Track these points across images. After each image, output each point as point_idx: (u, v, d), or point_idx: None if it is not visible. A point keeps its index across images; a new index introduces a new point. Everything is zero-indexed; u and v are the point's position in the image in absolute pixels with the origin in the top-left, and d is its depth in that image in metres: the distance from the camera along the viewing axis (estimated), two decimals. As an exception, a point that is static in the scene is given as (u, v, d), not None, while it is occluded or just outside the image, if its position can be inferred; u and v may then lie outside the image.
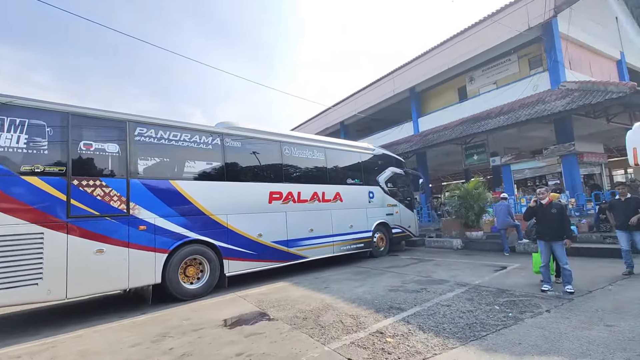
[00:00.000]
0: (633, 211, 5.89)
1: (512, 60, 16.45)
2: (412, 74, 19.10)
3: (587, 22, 15.52)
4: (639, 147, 5.28)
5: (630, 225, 5.90)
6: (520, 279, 6.26)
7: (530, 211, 5.75)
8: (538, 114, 12.19)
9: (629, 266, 5.95)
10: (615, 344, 3.29)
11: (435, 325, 4.12)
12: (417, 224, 12.27)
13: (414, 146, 17.45)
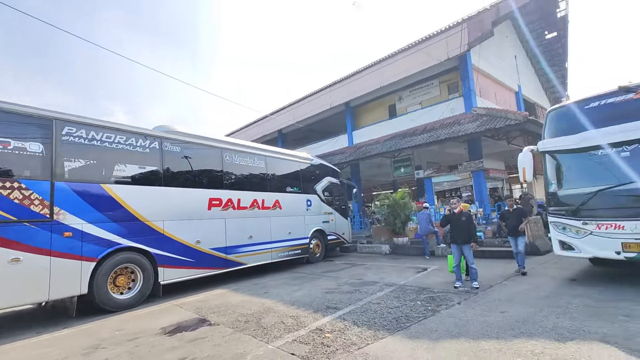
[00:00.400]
0: (519, 220, 7.05)
1: (434, 84, 18.45)
2: (347, 89, 20.21)
3: (493, 57, 18.18)
4: (527, 167, 6.52)
5: (518, 232, 7.06)
6: (438, 278, 7.15)
7: (445, 219, 6.66)
8: (454, 134, 13.90)
9: (520, 265, 7.14)
10: (506, 325, 4.09)
11: (368, 320, 4.60)
12: (350, 231, 13.02)
13: (348, 157, 18.45)
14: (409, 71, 17.00)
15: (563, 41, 22.68)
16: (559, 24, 21.70)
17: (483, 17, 15.33)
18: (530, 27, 21.55)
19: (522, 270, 6.95)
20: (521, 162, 6.50)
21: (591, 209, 5.67)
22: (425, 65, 16.31)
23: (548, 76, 24.82)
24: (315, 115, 22.09)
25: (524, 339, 3.62)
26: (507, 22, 20.28)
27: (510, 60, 20.56)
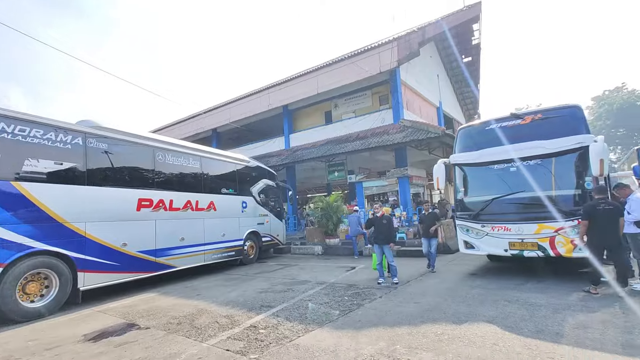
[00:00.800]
0: (432, 223, 7.97)
1: (367, 95, 19.67)
2: (286, 93, 20.48)
3: (419, 74, 20.01)
4: (440, 177, 7.52)
5: (430, 233, 7.91)
6: (364, 275, 7.81)
7: (369, 222, 7.38)
8: (383, 143, 15.05)
9: (430, 265, 7.88)
10: (418, 313, 4.76)
11: (300, 315, 4.94)
12: (285, 232, 13.30)
13: (285, 160, 18.74)
14: (344, 81, 17.90)
15: (476, 65, 25.80)
16: (474, 51, 24.63)
17: (411, 37, 16.84)
18: (449, 51, 24.11)
19: (430, 270, 7.84)
20: (436, 172, 7.47)
21: (488, 213, 6.77)
22: (359, 77, 17.33)
23: (464, 95, 28.01)
24: (253, 116, 21.95)
25: (430, 324, 4.29)
26: (432, 44, 22.44)
27: (433, 78, 22.79)
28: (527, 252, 6.27)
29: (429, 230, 7.88)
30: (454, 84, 27.00)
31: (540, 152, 6.27)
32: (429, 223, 7.94)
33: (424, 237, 8.06)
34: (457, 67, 25.61)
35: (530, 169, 6.42)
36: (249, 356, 3.60)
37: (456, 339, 3.74)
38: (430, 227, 7.89)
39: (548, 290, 5.50)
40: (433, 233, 7.90)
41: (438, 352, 3.43)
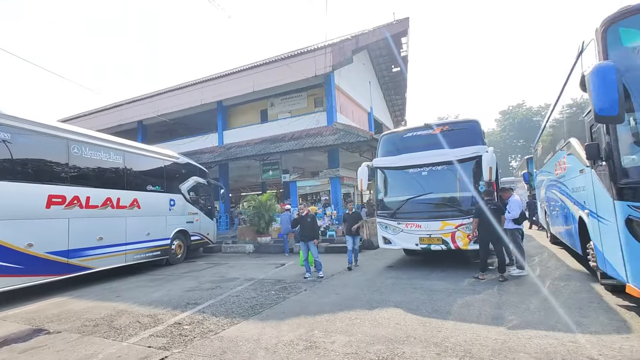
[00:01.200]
0: (355, 222, 8.33)
1: (303, 96, 20.10)
2: (220, 88, 19.96)
3: (352, 80, 21.04)
4: (363, 179, 8.19)
5: (353, 232, 8.27)
6: (293, 271, 8.16)
7: (295, 221, 7.73)
8: (317, 144, 15.59)
9: (350, 262, 8.06)
10: (338, 303, 5.23)
11: (226, 310, 5.09)
12: (215, 231, 13.07)
13: (217, 157, 18.31)
14: (281, 81, 18.08)
15: (404, 75, 27.88)
16: (402, 62, 26.58)
17: (345, 45, 17.67)
18: (380, 60, 25.71)
19: (353, 265, 8.09)
20: (360, 174, 8.13)
21: (403, 212, 7.59)
22: (295, 78, 17.66)
23: (392, 102, 30.08)
24: (184, 110, 20.99)
25: (347, 311, 4.77)
26: (365, 53, 23.71)
27: (365, 85, 24.10)
28: (434, 245, 7.19)
29: (352, 229, 8.19)
30: (384, 91, 28.83)
31: (445, 159, 7.24)
32: (352, 222, 8.32)
33: (347, 235, 8.34)
34: (387, 76, 27.42)
35: (438, 173, 7.38)
36: (172, 350, 3.68)
37: (366, 322, 4.25)
38: (352, 226, 8.25)
39: (447, 278, 6.42)
40: (355, 231, 8.25)
41: (350, 334, 3.88)
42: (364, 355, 3.29)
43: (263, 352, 3.50)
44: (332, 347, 3.55)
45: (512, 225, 6.44)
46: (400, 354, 3.28)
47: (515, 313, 4.28)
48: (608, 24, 3.69)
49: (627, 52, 3.61)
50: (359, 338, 3.74)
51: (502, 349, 3.27)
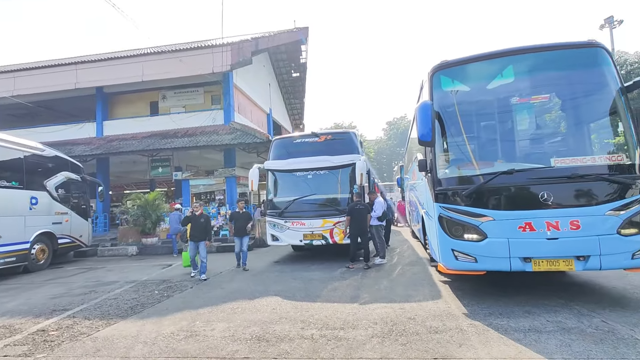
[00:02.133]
0: (246, 222, 8.07)
1: (199, 92, 19.43)
2: (101, 73, 17.79)
3: (252, 81, 21.22)
4: (254, 180, 8.62)
5: (243, 232, 7.84)
6: (180, 271, 8.06)
7: (187, 219, 7.46)
8: (212, 143, 15.38)
9: (239, 264, 8.00)
10: (222, 296, 5.55)
11: (101, 313, 4.92)
12: (91, 233, 11.76)
13: (95, 150, 16.40)
14: (175, 73, 17.15)
15: (303, 81, 29.21)
16: (301, 68, 27.79)
17: (244, 46, 17.76)
18: (281, 64, 26.47)
19: (242, 268, 7.89)
20: (250, 175, 8.55)
21: (290, 211, 8.29)
22: (191, 73, 16.98)
23: (292, 105, 31.21)
24: (52, 92, 18.03)
25: (230, 302, 5.15)
26: (266, 55, 24.11)
27: (265, 87, 24.51)
28: (316, 241, 8.09)
29: (245, 229, 7.95)
30: (284, 95, 29.71)
31: (327, 165, 8.21)
32: (242, 222, 8.02)
33: (236, 236, 8.05)
34: (287, 80, 28.36)
35: (321, 177, 8.32)
36: (36, 356, 3.51)
37: (247, 310, 4.73)
38: (242, 226, 7.96)
39: (324, 269, 7.35)
40: (245, 232, 7.99)
41: (230, 321, 4.30)
42: (240, 336, 3.76)
43: (141, 346, 3.65)
44: (211, 333, 3.91)
45: (377, 222, 7.75)
46: (271, 332, 3.85)
47: (369, 292, 5.32)
48: (433, 71, 4.97)
49: (444, 94, 4.92)
50: (237, 323, 4.19)
51: (351, 319, 4.13)
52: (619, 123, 4.32)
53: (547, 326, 3.60)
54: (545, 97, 4.63)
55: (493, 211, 4.27)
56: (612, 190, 4.03)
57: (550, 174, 4.16)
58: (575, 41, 4.63)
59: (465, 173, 4.60)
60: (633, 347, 3.03)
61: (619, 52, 24.54)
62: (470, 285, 5.27)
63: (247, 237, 8.13)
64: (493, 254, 4.23)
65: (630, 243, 3.93)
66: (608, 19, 33.50)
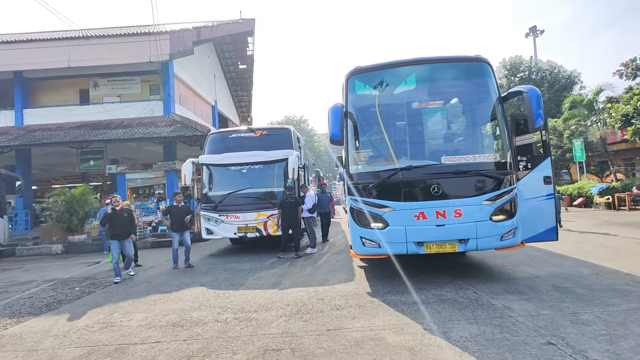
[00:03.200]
0: (184, 215, 7.45)
1: (136, 81, 18.45)
2: (19, 55, 16.21)
3: (195, 72, 20.57)
4: (187, 173, 8.59)
5: (181, 227, 7.36)
6: (107, 267, 7.84)
7: (107, 217, 6.53)
8: (149, 135, 14.82)
9: (175, 262, 7.40)
10: (148, 289, 5.61)
11: (12, 312, 4.77)
12: (6, 231, 10.85)
13: (14, 141, 14.99)
14: (107, 60, 16.17)
15: (250, 74, 28.82)
16: (248, 60, 27.38)
17: (185, 35, 17.21)
18: (227, 55, 25.90)
19: (184, 266, 7.33)
20: (183, 169, 8.53)
21: (224, 205, 8.44)
22: (126, 61, 16.13)
23: (239, 98, 30.68)
24: (-42, 75, 16.05)
25: (154, 294, 5.25)
26: (210, 45, 23.45)
27: (210, 78, 23.85)
28: (250, 233, 8.34)
29: (184, 223, 7.44)
30: (230, 87, 29.09)
31: (261, 160, 8.47)
32: (180, 216, 7.47)
33: (174, 231, 7.45)
34: (233, 72, 27.81)
35: (255, 171, 8.56)
36: None
37: (169, 301, 4.88)
38: (180, 220, 7.45)
39: (256, 260, 7.65)
40: (187, 225, 7.56)
41: (149, 311, 4.44)
42: (156, 324, 3.94)
43: (51, 339, 3.69)
44: (128, 323, 4.04)
45: (307, 215, 8.19)
46: (188, 318, 4.08)
47: (291, 279, 5.72)
48: (348, 75, 5.45)
49: (357, 96, 5.42)
50: (156, 313, 4.35)
51: (266, 303, 4.49)
52: (497, 128, 5.14)
53: (429, 299, 4.25)
54: (439, 103, 5.32)
55: (394, 202, 4.86)
56: (487, 184, 4.81)
57: (440, 170, 4.84)
58: (465, 55, 5.37)
59: (372, 169, 5.15)
60: (486, 310, 3.75)
61: (532, 60, 27.65)
62: (381, 269, 5.90)
63: (187, 231, 7.56)
64: (393, 240, 4.83)
65: (500, 227, 4.75)
66: (532, 28, 37.61)
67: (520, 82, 24.88)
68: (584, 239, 8.07)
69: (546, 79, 24.18)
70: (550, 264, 5.68)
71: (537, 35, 37.14)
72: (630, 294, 4.02)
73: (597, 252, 6.44)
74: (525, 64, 25.31)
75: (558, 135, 18.35)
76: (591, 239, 8.00)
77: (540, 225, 5.31)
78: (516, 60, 25.47)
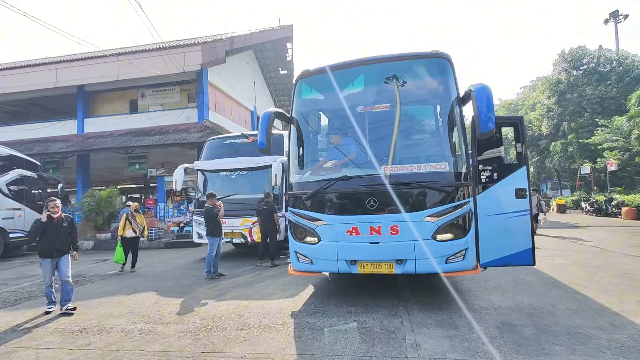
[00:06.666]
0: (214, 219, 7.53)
1: (176, 90, 19.85)
2: (81, 72, 18.41)
3: (232, 79, 21.47)
4: (178, 179, 8.96)
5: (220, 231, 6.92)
6: (107, 266, 8.45)
7: (36, 229, 4.85)
8: (180, 140, 15.85)
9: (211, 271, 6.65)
10: (107, 291, 5.91)
11: (-13, 304, 5.34)
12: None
13: (72, 147, 17.11)
14: (148, 73, 17.60)
15: (290, 79, 29.35)
16: (289, 66, 27.93)
17: (217, 45, 18.08)
18: (268, 62, 26.72)
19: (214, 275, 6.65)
20: (175, 175, 8.90)
21: (213, 210, 8.59)
22: (164, 72, 17.38)
23: (281, 103, 31.44)
24: (34, 90, 18.73)
25: (106, 297, 5.50)
26: (250, 53, 24.40)
27: (249, 85, 24.77)
28: (235, 239, 8.41)
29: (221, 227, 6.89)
30: (272, 92, 29.95)
31: (248, 165, 8.49)
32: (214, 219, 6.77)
33: (211, 235, 6.75)
34: (275, 77, 28.62)
35: (244, 177, 8.62)
36: None
37: (109, 304, 5.06)
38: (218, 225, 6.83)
39: (236, 266, 7.66)
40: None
41: (79, 314, 4.61)
42: (69, 329, 4.08)
43: (-20, 334, 4.02)
44: (45, 327, 4.24)
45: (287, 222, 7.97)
46: (101, 325, 4.17)
47: (239, 291, 5.58)
48: (296, 80, 5.17)
49: (303, 101, 5.11)
50: (82, 317, 4.51)
51: (187, 314, 4.43)
52: (453, 133, 4.46)
53: (348, 325, 3.81)
54: (387, 106, 4.77)
55: (327, 215, 4.47)
56: (432, 197, 4.19)
57: (380, 181, 4.32)
58: (421, 52, 4.77)
59: (311, 179, 4.79)
60: (389, 346, 3.22)
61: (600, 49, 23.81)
62: (344, 285, 5.48)
63: (217, 237, 6.77)
64: (324, 256, 4.44)
65: (445, 248, 4.10)
66: (613, 13, 32.73)
67: (583, 75, 21.71)
68: (609, 262, 6.66)
69: (615, 70, 20.73)
70: (529, 294, 4.77)
71: (619, 21, 32.25)
72: (587, 342, 3.17)
73: (606, 281, 5.25)
74: (590, 55, 21.97)
75: (625, 135, 15.61)
76: (615, 263, 6.56)
77: (509, 246, 4.51)
78: (579, 52, 22.23)
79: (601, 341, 3.17)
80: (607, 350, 2.99)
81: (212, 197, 6.91)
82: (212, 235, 6.69)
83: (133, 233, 7.71)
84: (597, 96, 20.53)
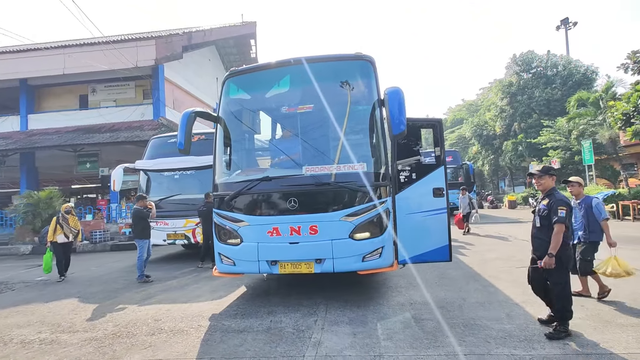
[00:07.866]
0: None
1: (130, 86, 19.02)
2: (22, 64, 17.21)
3: (193, 76, 20.85)
4: (117, 179, 8.62)
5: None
6: (37, 273, 7.94)
7: None
8: (132, 138, 15.20)
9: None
10: (26, 298, 5.57)
11: None
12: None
13: (12, 145, 15.99)
14: (98, 67, 16.75)
15: (254, 76, 28.95)
16: (252, 63, 27.48)
17: (174, 39, 17.44)
18: (231, 58, 26.16)
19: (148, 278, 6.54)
20: (113, 175, 8.55)
21: (157, 210, 8.31)
22: (115, 66, 16.57)
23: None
24: (-30, 84, 17.34)
25: (21, 305, 5.18)
26: (212, 49, 23.82)
27: (211, 81, 24.11)
28: (179, 240, 8.19)
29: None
30: (235, 89, 29.37)
31: (191, 165, 8.26)
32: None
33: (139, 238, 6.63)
34: (238, 74, 28.02)
35: (187, 177, 8.40)
36: None
37: (21, 313, 4.78)
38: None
39: (176, 268, 7.50)
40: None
41: (-12, 325, 4.34)
42: (-34, 341, 3.81)
43: None
44: (-53, 337, 3.95)
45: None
46: (3, 335, 3.92)
47: (167, 294, 5.42)
48: (225, 78, 5.10)
49: (230, 101, 5.05)
50: (-8, 327, 4.24)
51: (101, 321, 4.26)
52: (373, 134, 4.56)
53: (261, 326, 3.81)
54: (310, 107, 4.80)
55: (248, 216, 4.44)
56: (349, 197, 4.26)
57: (300, 182, 4.35)
58: (345, 54, 4.84)
59: (234, 180, 4.76)
60: (292, 345, 3.25)
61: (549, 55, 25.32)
62: (269, 286, 5.49)
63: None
64: (246, 257, 4.41)
65: (361, 246, 4.18)
66: (563, 21, 34.80)
67: (533, 79, 23.00)
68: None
69: (560, 74, 22.13)
70: (449, 288, 4.98)
71: (569, 28, 34.39)
72: (478, 332, 3.35)
73: (521, 274, 5.48)
74: (538, 59, 23.32)
75: (566, 135, 16.68)
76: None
77: (427, 243, 4.69)
78: (528, 56, 23.53)
79: (491, 331, 3.36)
80: (492, 340, 3.17)
81: (142, 199, 6.74)
82: (140, 238, 6.51)
83: (65, 238, 7.09)
84: (544, 98, 21.84)
